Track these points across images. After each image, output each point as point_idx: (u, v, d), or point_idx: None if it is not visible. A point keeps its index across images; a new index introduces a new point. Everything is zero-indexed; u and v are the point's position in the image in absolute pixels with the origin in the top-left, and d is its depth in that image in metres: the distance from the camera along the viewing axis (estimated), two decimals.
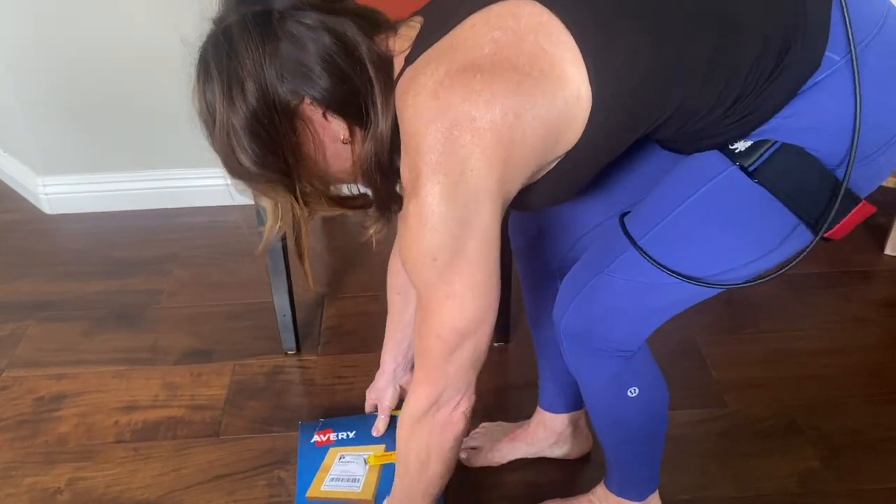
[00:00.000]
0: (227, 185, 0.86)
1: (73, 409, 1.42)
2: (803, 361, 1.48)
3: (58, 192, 1.95)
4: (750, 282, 0.83)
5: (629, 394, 0.94)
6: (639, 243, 0.84)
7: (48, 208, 1.97)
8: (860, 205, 0.76)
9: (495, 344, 1.54)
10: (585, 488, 1.18)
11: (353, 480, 1.21)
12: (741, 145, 0.77)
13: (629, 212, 0.88)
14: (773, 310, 1.61)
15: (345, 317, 1.63)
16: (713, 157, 0.80)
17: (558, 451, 1.27)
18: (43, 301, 1.68)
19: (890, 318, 1.58)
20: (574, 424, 1.26)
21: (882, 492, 1.23)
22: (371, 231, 0.87)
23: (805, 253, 0.81)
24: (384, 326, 1.59)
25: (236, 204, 1.96)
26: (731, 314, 1.60)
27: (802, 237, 0.80)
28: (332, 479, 1.21)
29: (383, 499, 1.17)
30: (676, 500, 1.23)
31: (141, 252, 1.83)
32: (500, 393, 1.43)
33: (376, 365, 1.49)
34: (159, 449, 1.34)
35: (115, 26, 1.72)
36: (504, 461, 1.27)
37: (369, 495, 1.19)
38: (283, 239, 1.38)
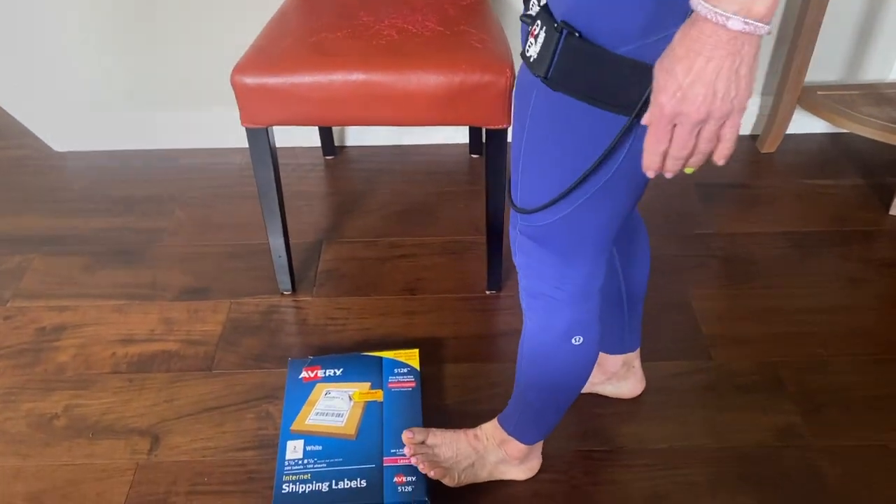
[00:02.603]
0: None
1: (73, 339, 1.46)
2: (793, 319, 1.48)
3: (66, 130, 1.97)
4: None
5: (574, 341, 0.95)
6: (517, 204, 0.86)
7: (56, 146, 2.00)
8: None
9: (487, 292, 1.55)
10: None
11: (338, 415, 1.24)
12: (532, 50, 0.74)
13: None
14: (768, 267, 1.60)
15: (340, 261, 1.65)
16: (526, 73, 0.77)
17: (611, 389, 1.32)
18: (48, 235, 1.72)
19: (886, 279, 1.57)
20: (628, 365, 1.29)
21: (859, 448, 1.24)
22: None
23: (626, 134, 0.73)
24: (378, 271, 1.61)
25: (237, 147, 1.99)
26: (725, 270, 1.59)
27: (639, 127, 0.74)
28: (317, 413, 1.24)
29: (366, 434, 1.21)
30: (653, 448, 1.25)
31: (143, 191, 1.85)
32: (492, 339, 1.45)
33: (369, 308, 1.53)
34: (153, 380, 1.38)
35: None
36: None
37: (352, 430, 1.22)
38: (277, 182, 1.40)
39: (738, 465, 1.22)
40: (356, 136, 2.02)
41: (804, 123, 2.01)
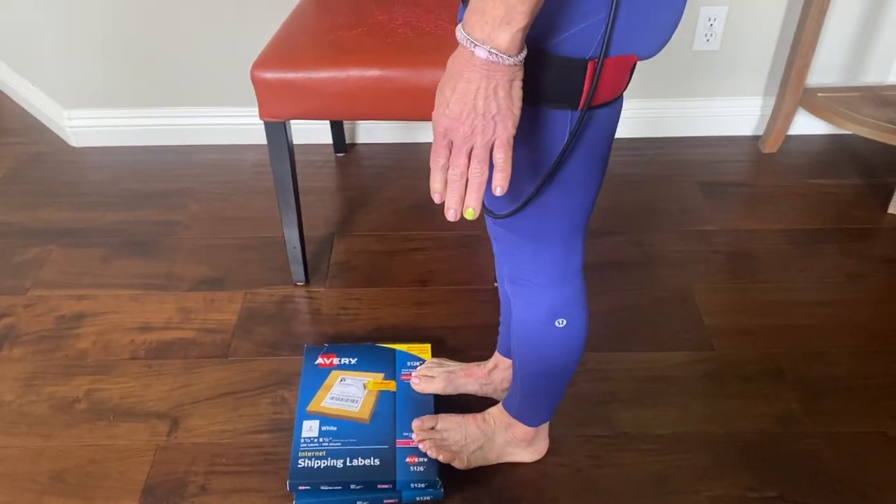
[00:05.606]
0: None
1: (92, 327, 1.50)
2: (794, 312, 1.52)
3: (83, 126, 2.02)
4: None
5: (557, 324, 0.98)
6: (490, 209, 0.88)
7: (74, 141, 2.05)
8: (590, 65, 0.71)
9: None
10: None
11: (352, 401, 1.28)
12: None
13: None
14: (769, 262, 1.64)
15: (352, 253, 1.69)
16: None
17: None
18: (66, 228, 1.76)
19: (884, 275, 1.61)
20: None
21: (856, 434, 1.28)
22: None
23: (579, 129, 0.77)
24: (390, 264, 1.65)
25: (251, 143, 2.04)
26: (728, 265, 1.63)
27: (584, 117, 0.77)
28: (333, 398, 1.28)
29: (380, 419, 1.25)
30: (656, 434, 1.29)
31: (159, 185, 1.90)
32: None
33: (381, 299, 1.56)
34: (171, 366, 1.42)
35: None
36: (456, 392, 1.33)
37: (366, 415, 1.26)
38: (293, 174, 1.45)
39: (739, 450, 1.26)
40: (367, 135, 2.06)
41: (805, 124, 2.06)
